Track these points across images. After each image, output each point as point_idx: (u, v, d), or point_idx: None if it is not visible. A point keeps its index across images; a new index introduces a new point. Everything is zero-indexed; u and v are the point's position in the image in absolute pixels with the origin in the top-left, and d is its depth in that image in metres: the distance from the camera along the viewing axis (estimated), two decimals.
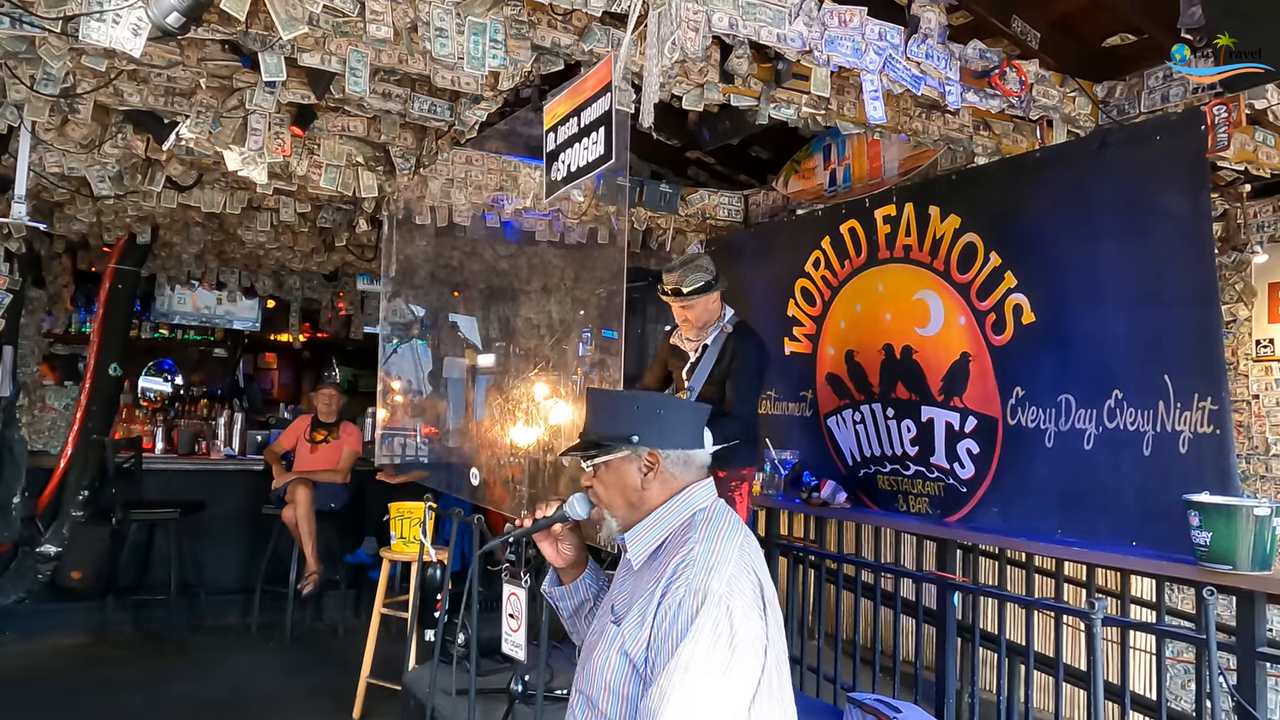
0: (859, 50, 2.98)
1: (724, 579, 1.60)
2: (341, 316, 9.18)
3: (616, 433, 1.81)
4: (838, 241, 4.63)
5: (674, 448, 1.82)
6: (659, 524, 1.79)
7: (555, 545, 1.97)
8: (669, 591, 1.61)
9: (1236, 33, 2.88)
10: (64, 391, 7.03)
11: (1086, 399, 3.45)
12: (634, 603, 1.70)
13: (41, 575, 6.05)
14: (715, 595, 1.57)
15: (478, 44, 2.86)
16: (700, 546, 1.67)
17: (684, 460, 1.83)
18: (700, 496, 1.82)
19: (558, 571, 2.02)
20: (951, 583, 3.90)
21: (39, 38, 3.12)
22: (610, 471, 1.82)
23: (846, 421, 4.61)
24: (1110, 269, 3.37)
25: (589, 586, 2.00)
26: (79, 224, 5.74)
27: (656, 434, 1.81)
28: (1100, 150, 3.43)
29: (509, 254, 6.12)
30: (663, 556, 1.73)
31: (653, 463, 1.80)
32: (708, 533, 1.71)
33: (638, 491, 1.80)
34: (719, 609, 1.56)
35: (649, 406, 1.88)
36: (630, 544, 1.80)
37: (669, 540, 1.76)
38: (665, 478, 1.81)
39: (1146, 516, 3.21)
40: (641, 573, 1.77)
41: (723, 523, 1.75)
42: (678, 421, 1.86)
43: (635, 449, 1.80)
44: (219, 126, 3.83)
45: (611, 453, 1.80)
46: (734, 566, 1.64)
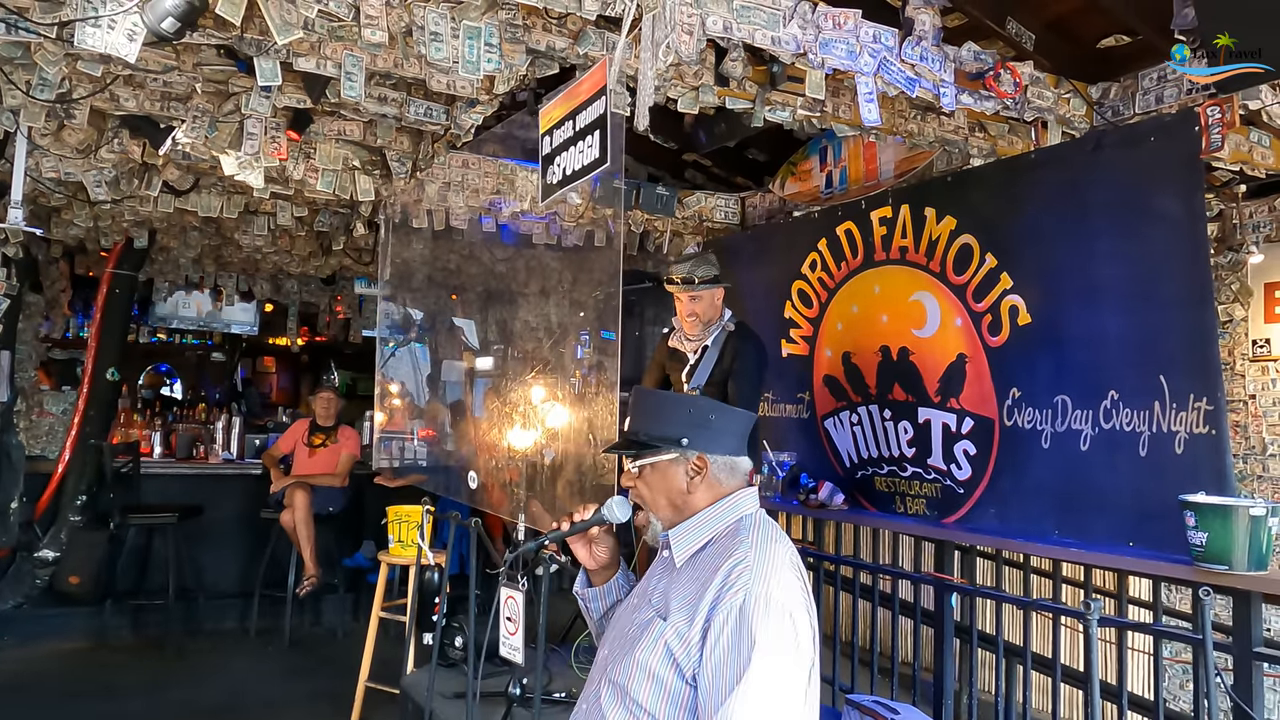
0: (853, 53, 2.99)
1: (783, 586, 1.62)
2: (339, 320, 9.19)
3: (666, 434, 1.81)
4: (834, 243, 4.63)
5: (722, 453, 1.82)
6: (706, 525, 1.79)
7: (590, 548, 1.98)
8: (724, 596, 1.62)
9: (1231, 33, 2.89)
10: (62, 396, 7.04)
11: (1083, 400, 3.45)
12: (675, 599, 1.70)
13: (40, 580, 6.05)
14: (778, 603, 1.59)
15: (473, 48, 2.87)
16: (755, 553, 1.67)
17: (730, 466, 1.83)
18: (746, 503, 1.82)
19: (589, 573, 2.02)
20: (949, 584, 3.90)
21: (34, 43, 3.13)
22: (656, 473, 1.82)
23: (844, 423, 4.61)
24: (1105, 270, 3.37)
25: (621, 588, 2.00)
26: (76, 229, 5.74)
27: (706, 439, 1.81)
28: (1095, 151, 3.43)
29: (506, 257, 6.13)
30: (707, 558, 1.73)
31: (701, 467, 1.80)
32: (759, 538, 1.71)
33: (683, 495, 1.81)
34: (784, 618, 1.58)
35: (701, 411, 1.87)
36: (675, 541, 1.80)
37: (713, 542, 1.76)
38: (711, 482, 1.81)
39: (1143, 517, 3.21)
40: (684, 571, 1.76)
41: (771, 529, 1.76)
42: (727, 427, 1.86)
43: (684, 452, 1.80)
44: (215, 131, 3.84)
45: (660, 454, 1.81)
46: (786, 572, 1.66)
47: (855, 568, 4.31)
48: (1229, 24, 2.88)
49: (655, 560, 1.88)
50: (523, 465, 4.04)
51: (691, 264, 3.85)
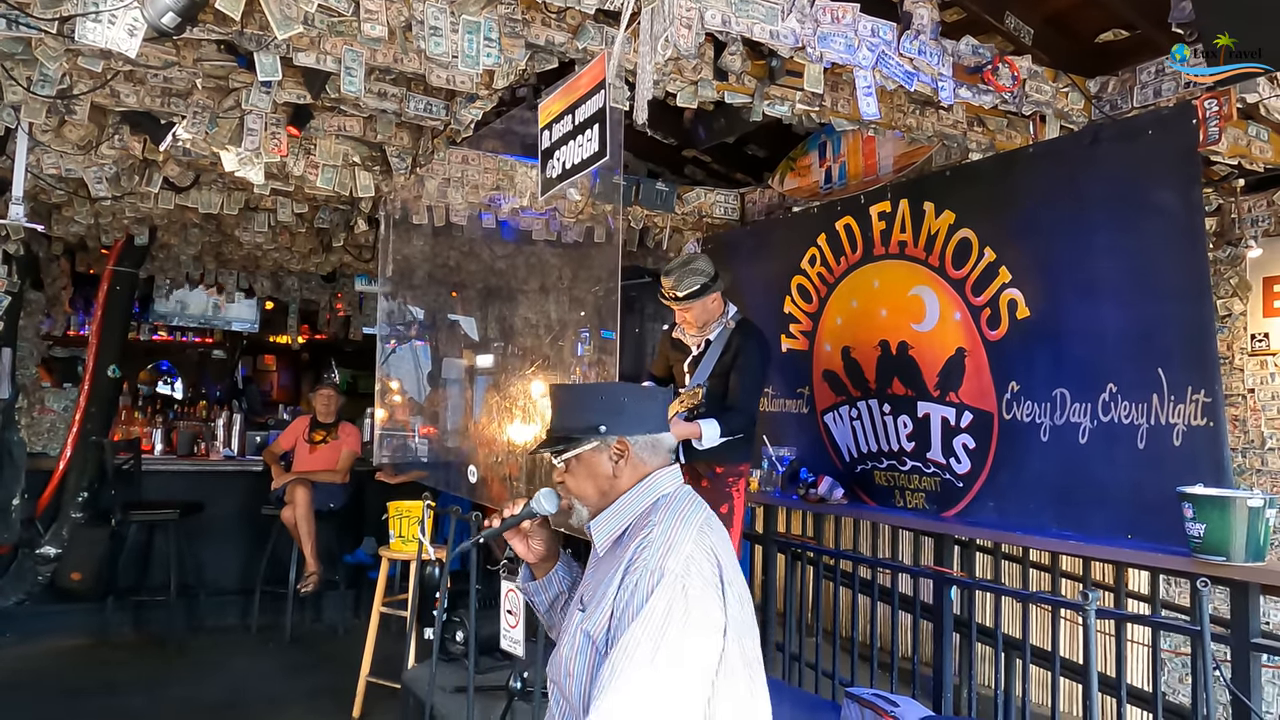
0: (852, 47, 2.99)
1: (681, 558, 1.63)
2: (340, 317, 9.19)
3: (584, 424, 1.83)
4: (833, 238, 4.64)
5: (642, 433, 1.84)
6: (624, 510, 1.81)
7: (526, 541, 1.98)
8: (628, 573, 1.64)
9: (1228, 28, 2.89)
10: (63, 393, 7.04)
11: (1081, 393, 3.46)
12: (594, 588, 1.73)
13: (41, 577, 6.06)
14: (672, 574, 1.60)
15: (472, 42, 2.88)
16: (659, 529, 1.69)
17: (652, 445, 1.85)
18: (665, 482, 1.84)
19: (530, 567, 2.03)
20: (948, 577, 3.91)
21: (35, 39, 3.13)
22: (581, 464, 1.84)
23: (843, 418, 4.62)
24: (1103, 263, 3.38)
25: (562, 579, 2.01)
26: (77, 226, 5.75)
27: (624, 421, 1.84)
28: (1093, 145, 3.45)
29: (506, 253, 6.13)
30: (625, 541, 1.76)
31: (623, 450, 1.82)
32: (667, 515, 1.73)
33: (610, 480, 1.83)
34: (675, 587, 1.58)
35: (613, 395, 1.91)
36: (595, 532, 1.83)
37: (632, 526, 1.79)
38: (636, 463, 1.83)
39: (1141, 509, 3.23)
40: (605, 559, 1.80)
41: (684, 506, 1.77)
42: (643, 407, 1.89)
43: (604, 438, 1.82)
44: (215, 127, 3.85)
45: (581, 445, 1.83)
46: (692, 546, 1.66)
47: (855, 562, 4.32)
48: (1227, 18, 2.88)
49: (590, 554, 1.90)
50: (523, 459, 4.06)
51: (677, 276, 3.74)
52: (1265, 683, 4.20)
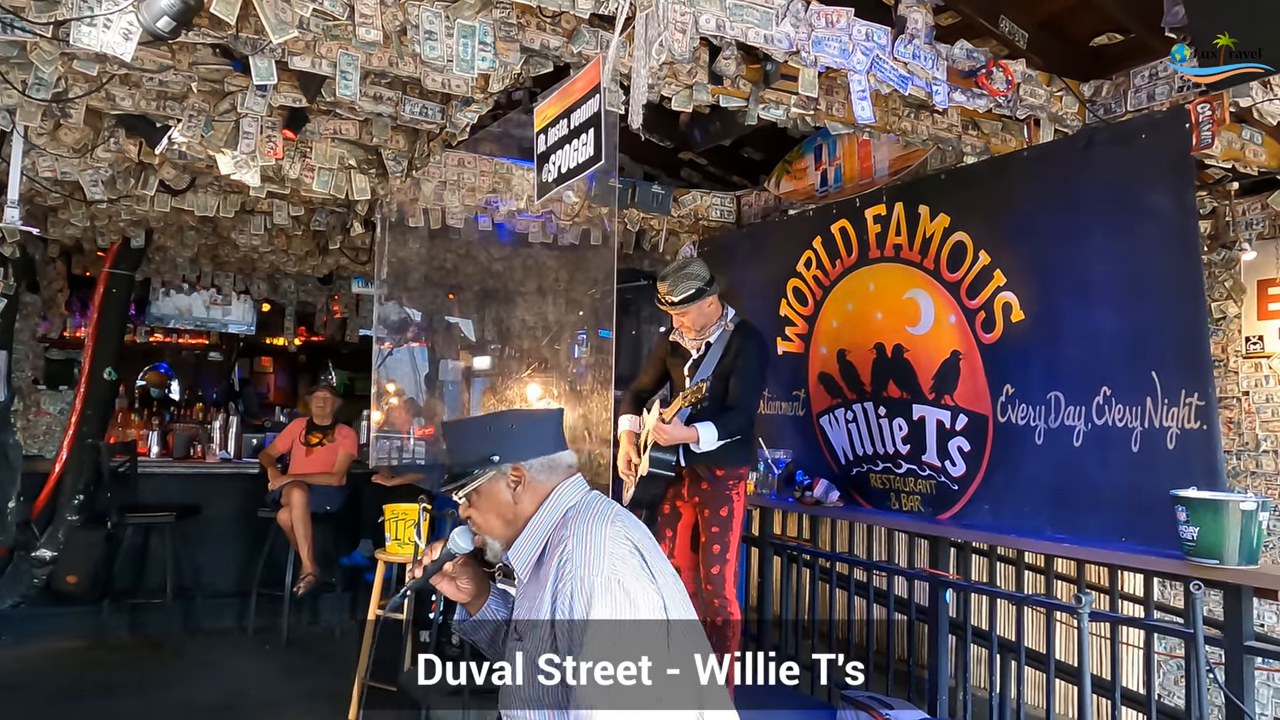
0: (846, 51, 3.00)
1: (604, 561, 1.65)
2: (337, 319, 9.19)
3: (476, 456, 1.84)
4: (829, 241, 4.65)
5: (535, 456, 1.85)
6: (535, 533, 1.83)
7: (454, 583, 1.97)
8: (558, 592, 1.66)
9: (1220, 32, 2.90)
10: (59, 396, 7.03)
11: (1075, 396, 3.47)
12: (526, 615, 1.74)
13: (37, 579, 6.06)
14: (603, 577, 1.63)
15: (467, 47, 2.88)
16: (573, 540, 1.71)
17: (549, 465, 1.87)
18: (569, 495, 1.85)
19: (463, 606, 2.02)
20: (943, 580, 3.92)
21: (30, 43, 3.13)
22: (482, 496, 1.85)
23: (839, 420, 4.63)
24: (1098, 266, 3.39)
25: (496, 611, 2.01)
26: (73, 228, 5.75)
27: (515, 447, 1.85)
28: (1087, 149, 3.46)
29: (503, 256, 6.15)
30: (545, 561, 1.77)
31: (519, 476, 1.84)
32: (578, 526, 1.75)
33: (511, 507, 1.84)
34: (611, 588, 1.62)
35: (500, 423, 1.92)
36: (514, 561, 1.84)
37: (549, 544, 1.79)
38: (534, 487, 1.84)
39: (1135, 512, 3.24)
40: (530, 584, 1.81)
41: (592, 511, 1.79)
42: (533, 430, 1.90)
43: (499, 468, 1.83)
44: (211, 130, 3.85)
45: (478, 478, 1.83)
46: (610, 545, 1.68)
47: (850, 564, 4.33)
48: (1220, 23, 2.90)
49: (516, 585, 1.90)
50: None
51: (672, 281, 3.75)
52: (1260, 685, 4.21)
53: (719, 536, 3.70)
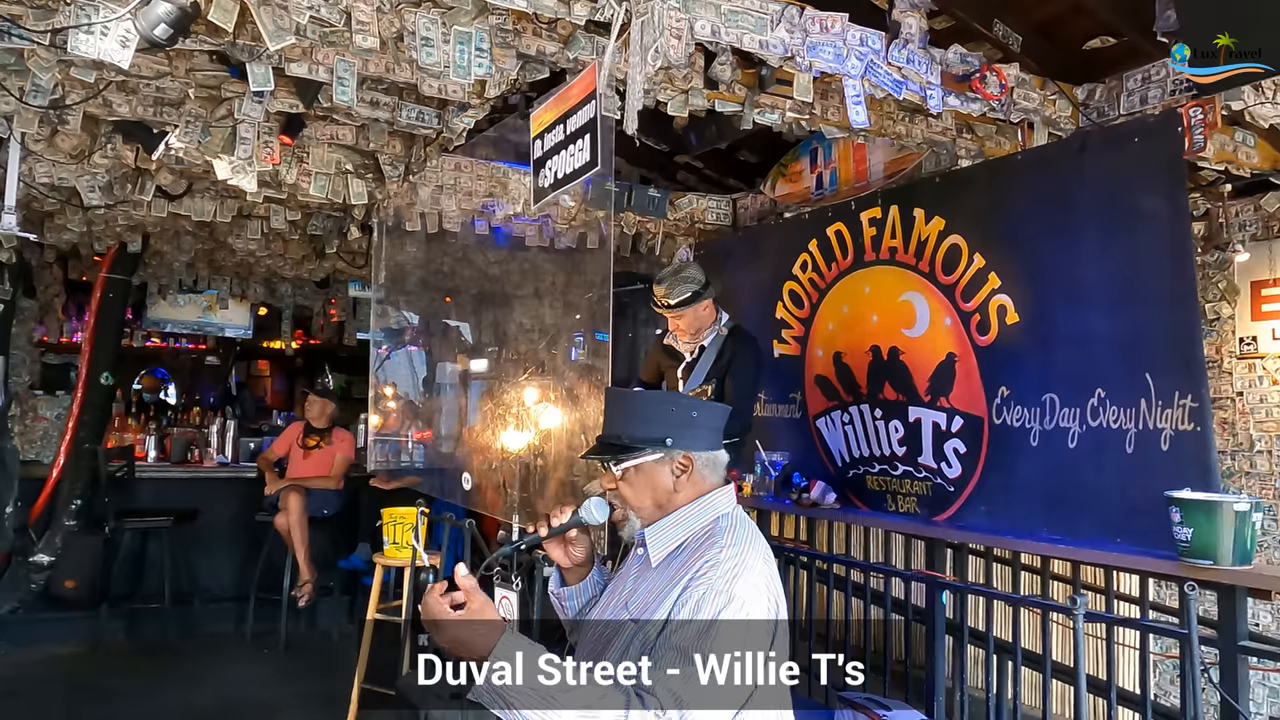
0: (840, 56, 3.02)
1: (748, 584, 1.63)
2: (334, 323, 9.19)
3: (649, 435, 1.80)
4: (824, 244, 4.66)
5: (705, 449, 1.83)
6: (682, 524, 1.79)
7: (566, 549, 1.95)
8: (690, 588, 1.63)
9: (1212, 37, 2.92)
10: (56, 401, 7.03)
11: (1070, 398, 3.49)
12: (647, 599, 1.71)
13: (35, 585, 6.06)
14: (739, 599, 1.60)
15: (463, 53, 2.89)
16: (728, 551, 1.67)
17: (713, 462, 1.84)
18: (723, 502, 1.82)
19: (563, 572, 2.00)
20: (939, 581, 3.92)
21: (28, 50, 3.14)
22: (640, 474, 1.81)
23: (835, 423, 4.64)
24: (1091, 269, 3.41)
25: (596, 585, 1.99)
26: (70, 234, 5.75)
27: (690, 437, 1.81)
28: (1080, 152, 3.47)
29: (499, 260, 6.15)
30: (683, 557, 1.74)
31: (687, 465, 1.80)
32: (734, 538, 1.71)
33: (669, 493, 1.81)
34: (740, 614, 1.59)
35: (684, 409, 1.87)
36: (651, 540, 1.81)
37: (689, 541, 1.77)
38: (696, 480, 1.81)
39: (1130, 513, 3.25)
40: (659, 571, 1.77)
41: (747, 530, 1.76)
42: (709, 423, 1.87)
43: (670, 451, 1.80)
44: (208, 136, 3.86)
45: (643, 455, 1.80)
46: (757, 576, 1.66)
47: (847, 566, 4.33)
48: (1212, 27, 2.92)
49: (629, 558, 1.88)
50: (517, 466, 4.07)
51: (669, 284, 3.80)
52: (1255, 684, 4.23)
53: None
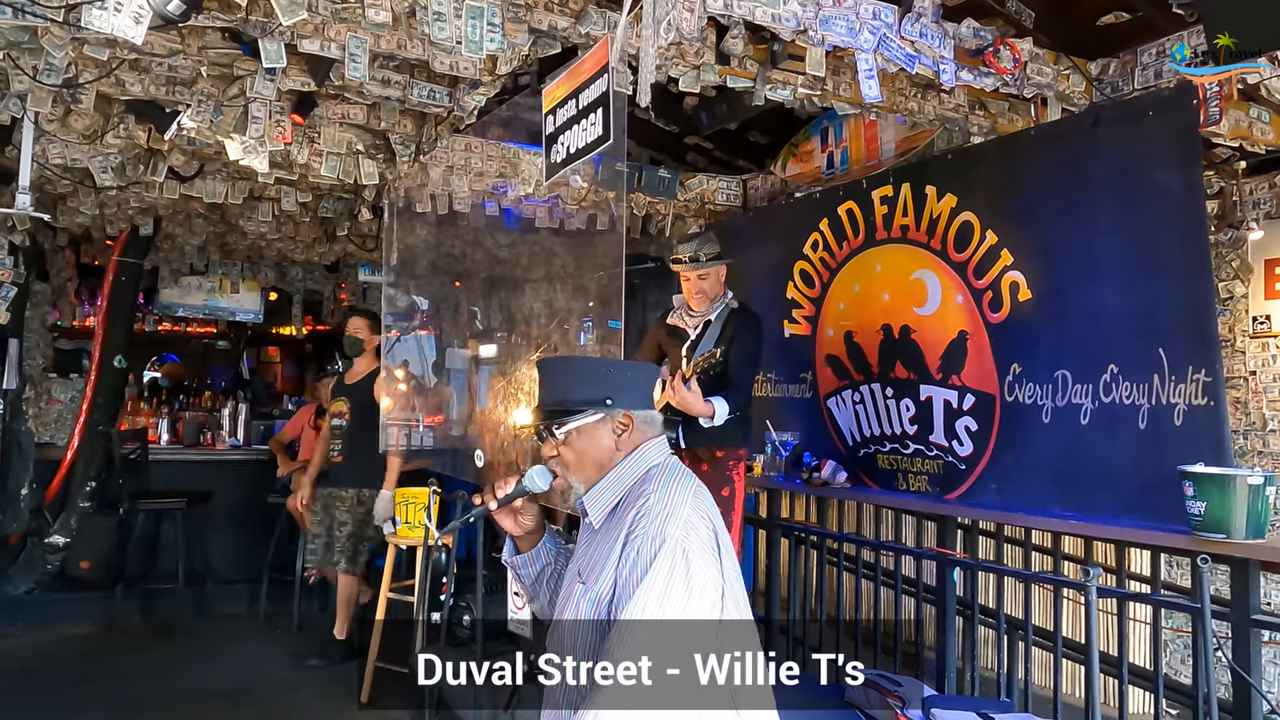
0: (853, 29, 3.01)
1: (679, 523, 1.67)
2: (344, 308, 9.19)
3: (590, 396, 1.84)
4: (835, 223, 4.65)
5: (641, 407, 1.87)
6: (615, 482, 1.83)
7: (515, 518, 1.97)
8: (629, 541, 1.67)
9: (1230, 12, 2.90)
10: (69, 384, 7.06)
11: (1083, 374, 3.48)
12: (593, 561, 1.75)
13: (50, 565, 6.11)
14: (672, 539, 1.64)
15: (475, 28, 2.89)
16: (655, 496, 1.72)
17: (650, 419, 1.88)
18: (654, 453, 1.86)
19: (515, 541, 2.03)
20: (951, 559, 3.94)
21: (41, 28, 3.14)
22: (582, 436, 1.84)
23: (846, 402, 4.64)
24: (1105, 244, 3.40)
25: (549, 550, 2.03)
26: (82, 216, 5.76)
27: (630, 396, 1.86)
28: (1094, 127, 3.46)
29: (510, 242, 6.15)
30: (620, 513, 1.78)
31: (627, 423, 1.84)
32: (662, 483, 1.76)
33: (611, 453, 1.84)
34: (675, 552, 1.63)
35: (619, 368, 1.95)
36: (590, 505, 1.85)
37: (626, 496, 1.81)
38: (636, 438, 1.85)
39: (1142, 489, 3.25)
40: (601, 532, 1.81)
41: (676, 474, 1.81)
42: (645, 382, 1.93)
43: (610, 411, 1.83)
44: (220, 115, 3.86)
45: (586, 417, 1.83)
46: (689, 511, 1.70)
47: (858, 545, 4.35)
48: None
49: (581, 527, 1.91)
50: (528, 444, 4.08)
51: (696, 243, 3.93)
52: (1267, 662, 4.23)
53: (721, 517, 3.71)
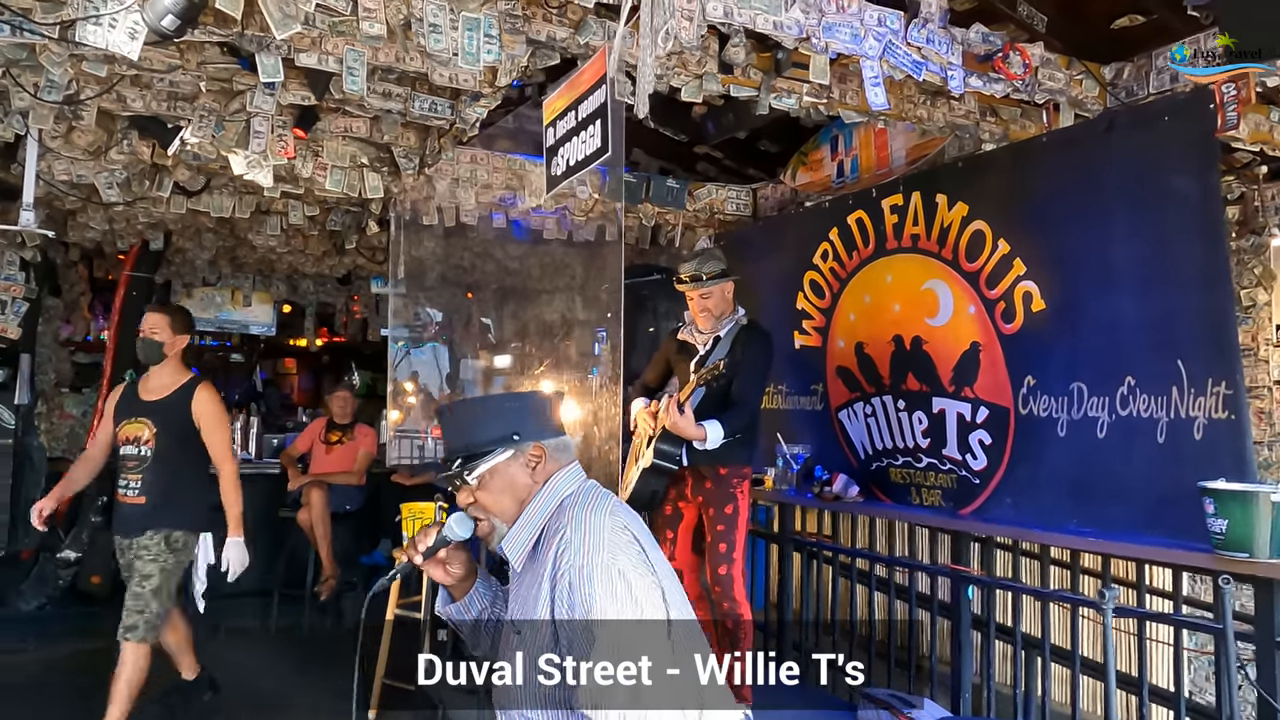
0: (858, 36, 2.94)
1: (603, 547, 1.63)
2: (357, 319, 9.21)
3: (494, 435, 1.79)
4: (845, 233, 4.59)
5: (552, 436, 1.83)
6: (529, 522, 1.79)
7: (443, 567, 1.91)
8: (557, 581, 1.63)
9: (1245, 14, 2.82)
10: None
11: (1099, 386, 3.39)
12: (527, 606, 1.71)
13: (62, 581, 6.11)
14: (601, 565, 1.61)
15: (472, 39, 2.85)
16: (570, 528, 1.68)
17: (563, 446, 1.85)
18: (564, 484, 1.81)
19: (448, 590, 1.96)
20: (966, 576, 3.85)
21: (39, 45, 3.13)
22: (496, 477, 1.79)
23: (858, 414, 4.56)
24: (1120, 253, 3.31)
25: (482, 595, 1.97)
26: (92, 232, 5.78)
27: (536, 426, 1.82)
28: (1108, 133, 3.38)
29: (519, 253, 6.13)
30: (541, 550, 1.73)
31: (539, 455, 1.80)
32: (576, 514, 1.72)
33: (529, 488, 1.80)
34: (610, 575, 1.60)
35: (520, 401, 1.91)
36: (508, 549, 1.80)
37: (544, 532, 1.76)
38: (551, 467, 1.81)
39: (1162, 505, 3.16)
40: (525, 574, 1.77)
41: (590, 499, 1.76)
42: (548, 411, 1.88)
43: (519, 446, 1.79)
44: (222, 130, 3.84)
45: (495, 457, 1.78)
46: (609, 533, 1.67)
47: (871, 560, 4.27)
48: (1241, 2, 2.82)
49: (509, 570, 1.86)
50: None
51: (698, 261, 3.88)
52: None
53: (725, 535, 3.65)
